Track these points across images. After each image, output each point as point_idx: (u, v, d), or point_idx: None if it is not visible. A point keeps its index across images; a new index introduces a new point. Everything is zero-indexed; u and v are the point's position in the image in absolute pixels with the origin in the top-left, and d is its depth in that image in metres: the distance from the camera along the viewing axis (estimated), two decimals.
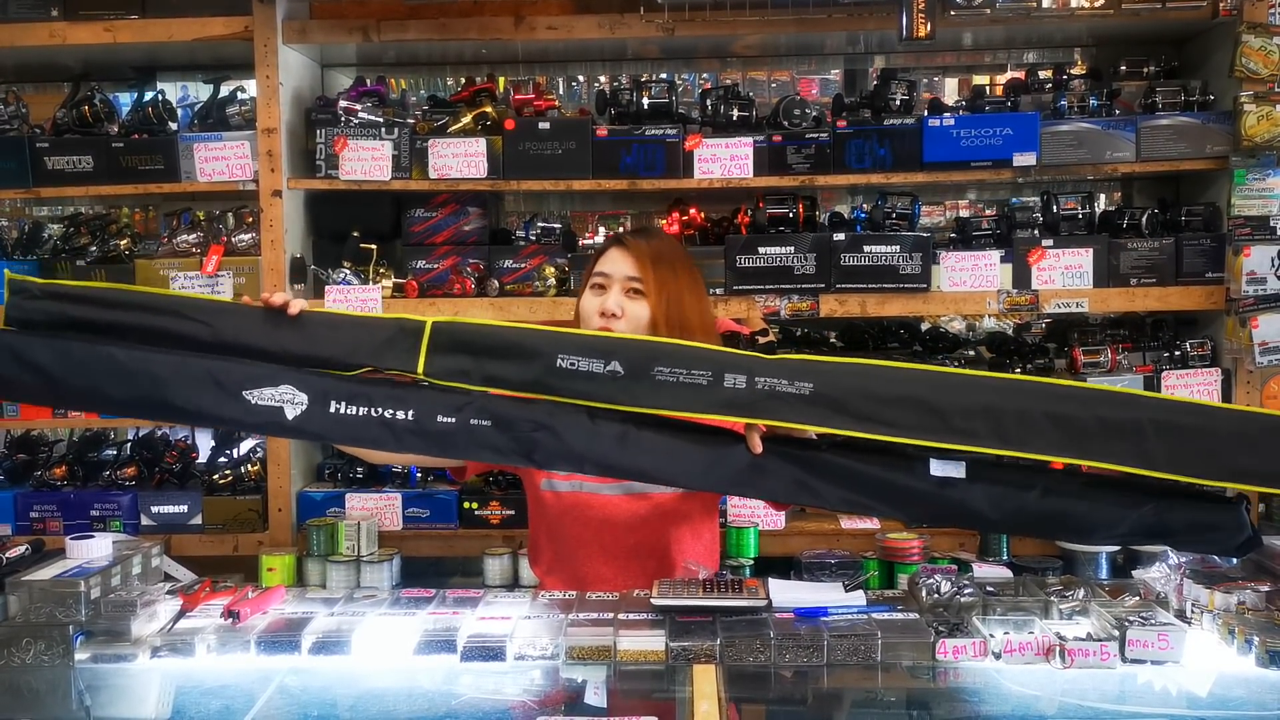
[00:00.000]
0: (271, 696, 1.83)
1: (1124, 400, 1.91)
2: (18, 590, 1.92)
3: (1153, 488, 1.91)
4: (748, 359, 1.96)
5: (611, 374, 1.94)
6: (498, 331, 2.02)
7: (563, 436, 1.95)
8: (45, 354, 1.95)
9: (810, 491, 1.95)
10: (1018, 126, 3.18)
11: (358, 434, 1.98)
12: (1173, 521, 1.88)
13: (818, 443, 1.98)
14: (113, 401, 2.01)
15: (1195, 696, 1.81)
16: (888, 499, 1.95)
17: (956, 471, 1.88)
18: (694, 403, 1.93)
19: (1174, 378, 3.20)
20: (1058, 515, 1.92)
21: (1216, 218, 3.25)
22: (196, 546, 3.35)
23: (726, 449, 1.96)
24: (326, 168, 3.30)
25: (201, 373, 1.95)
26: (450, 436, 1.97)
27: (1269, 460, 1.81)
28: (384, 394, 1.97)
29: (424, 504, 3.35)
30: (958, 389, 1.90)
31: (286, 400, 1.95)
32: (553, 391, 1.96)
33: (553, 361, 1.95)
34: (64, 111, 3.42)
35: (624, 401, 1.94)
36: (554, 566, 2.43)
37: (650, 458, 1.97)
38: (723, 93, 3.33)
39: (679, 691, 1.77)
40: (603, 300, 2.30)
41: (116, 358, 1.94)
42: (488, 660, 1.85)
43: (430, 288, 3.37)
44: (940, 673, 1.86)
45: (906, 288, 3.18)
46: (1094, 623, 1.91)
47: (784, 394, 1.90)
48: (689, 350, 1.99)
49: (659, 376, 1.93)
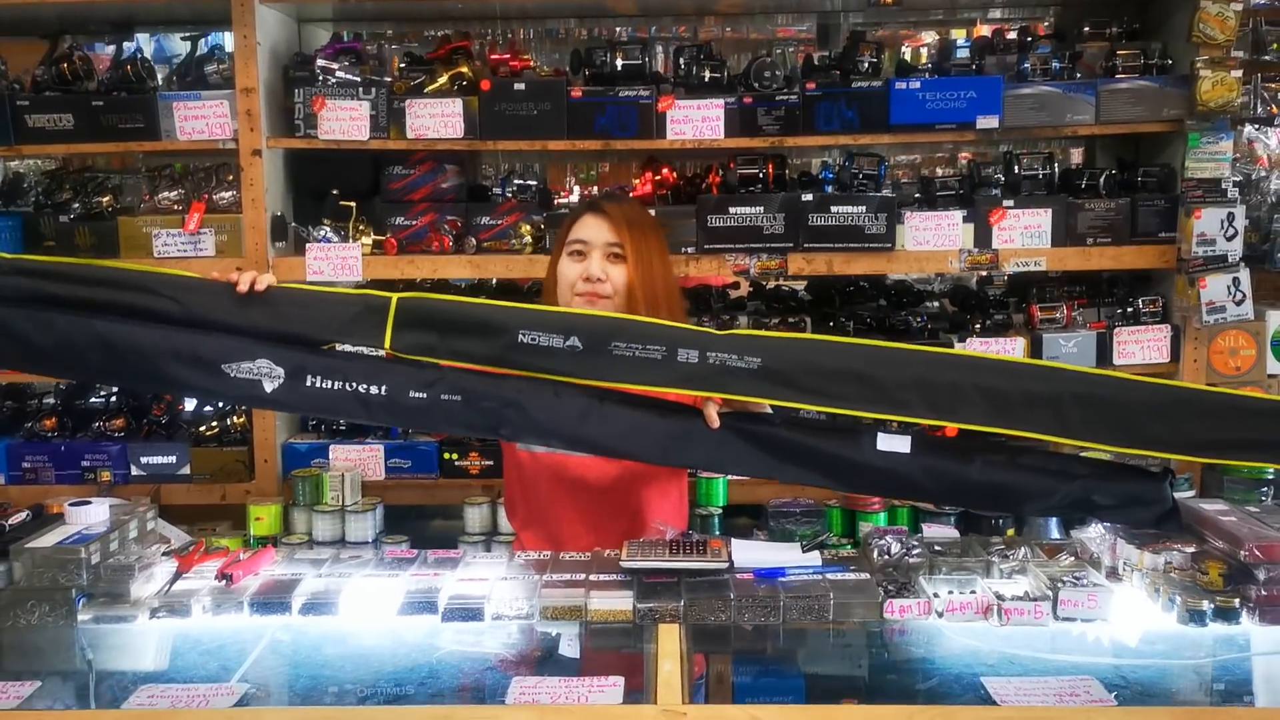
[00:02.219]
0: (263, 654, 1.96)
1: (1047, 374, 2.07)
2: (21, 556, 2.03)
3: (1083, 464, 2.07)
4: (700, 335, 2.07)
5: (570, 349, 2.05)
6: (461, 308, 2.12)
7: (530, 413, 2.06)
8: (27, 325, 2.04)
9: (765, 466, 2.08)
10: (981, 90, 3.26)
11: (333, 407, 2.09)
12: (1100, 495, 2.03)
13: (772, 418, 2.10)
14: (96, 371, 2.10)
15: (1121, 648, 1.96)
16: (837, 474, 2.09)
17: (902, 447, 2.02)
18: (650, 377, 2.05)
19: (1126, 334, 3.33)
20: (994, 488, 2.06)
21: (1171, 179, 3.35)
22: (185, 496, 3.46)
23: (686, 426, 2.09)
24: (305, 127, 3.35)
25: (183, 346, 2.05)
26: (421, 412, 2.08)
27: (1177, 429, 1.97)
28: (358, 369, 2.07)
29: (406, 455, 3.46)
30: (893, 363, 2.04)
31: (264, 374, 2.05)
32: (514, 366, 2.07)
33: (514, 338, 2.06)
34: (43, 69, 3.45)
35: (583, 376, 2.06)
36: (529, 521, 2.55)
37: (613, 434, 2.09)
38: (695, 53, 3.39)
39: (646, 646, 1.91)
40: (585, 266, 2.39)
41: (98, 330, 2.03)
42: (467, 620, 1.98)
43: (409, 244, 3.44)
44: (888, 629, 2.01)
45: (872, 247, 3.28)
46: (1031, 582, 2.06)
47: (734, 368, 2.03)
48: (644, 326, 2.10)
49: (616, 352, 2.05)
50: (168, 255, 3.36)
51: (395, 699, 1.82)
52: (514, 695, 1.72)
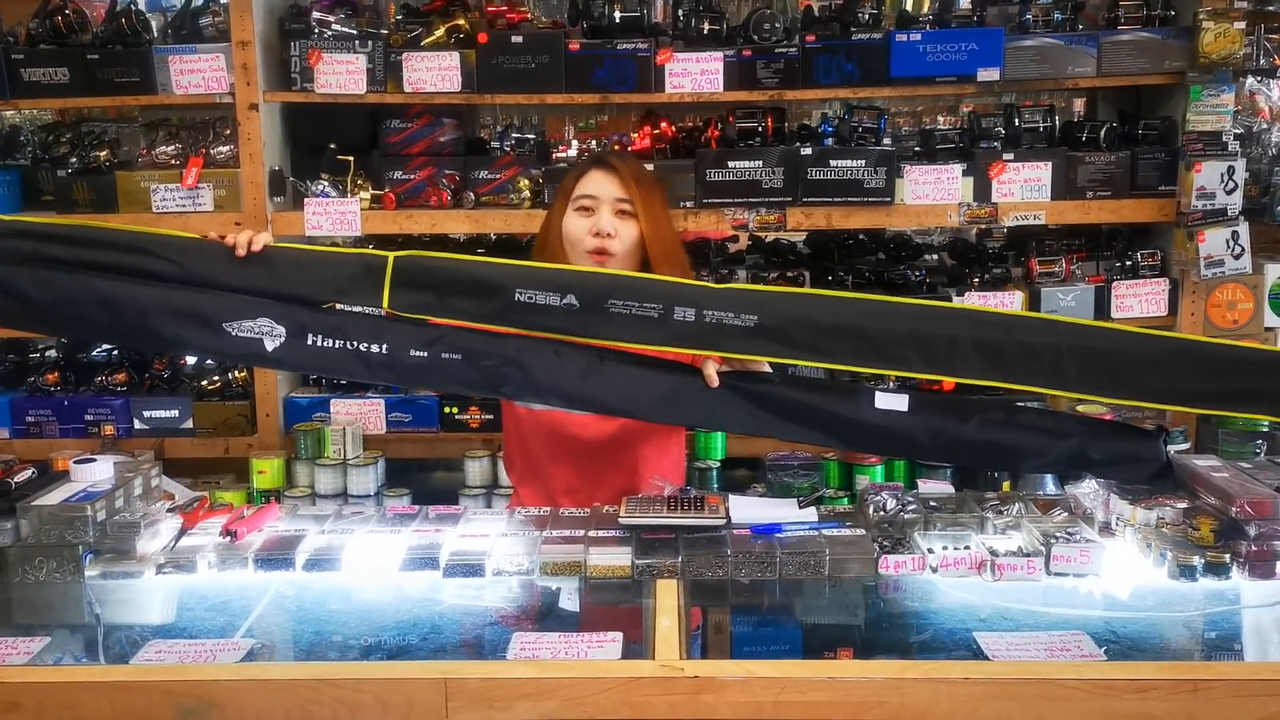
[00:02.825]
0: (268, 609, 1.99)
1: (1043, 326, 2.08)
2: (28, 514, 2.05)
3: (1078, 422, 2.08)
4: (697, 291, 2.08)
5: (568, 307, 2.06)
6: (457, 265, 2.13)
7: (530, 371, 2.08)
8: (29, 284, 2.04)
9: (764, 424, 2.10)
10: (982, 42, 3.24)
11: (334, 366, 2.11)
12: (1095, 452, 2.05)
13: (771, 377, 2.12)
14: (98, 329, 2.11)
15: (1112, 602, 1.99)
16: (836, 432, 2.11)
17: (900, 405, 2.03)
18: (647, 335, 2.06)
19: (1124, 288, 3.33)
20: (991, 446, 2.09)
21: (1172, 132, 3.33)
22: (189, 449, 3.49)
23: (686, 385, 2.10)
24: (302, 80, 3.33)
25: (184, 304, 2.06)
26: (422, 370, 2.09)
27: (1173, 381, 1.99)
28: (359, 328, 2.08)
29: (406, 409, 3.49)
30: (889, 317, 2.04)
31: (266, 333, 2.06)
32: (512, 324, 2.08)
33: (511, 296, 2.07)
34: (37, 22, 3.42)
35: (580, 335, 2.07)
36: (527, 476, 2.58)
37: (614, 393, 2.10)
38: (694, 4, 3.36)
39: (645, 601, 1.94)
40: (594, 221, 2.38)
41: (99, 288, 2.04)
42: (468, 576, 2.01)
43: (407, 199, 3.44)
44: (883, 585, 2.04)
45: (871, 201, 3.28)
46: (1024, 537, 2.08)
47: (731, 327, 2.04)
48: (640, 282, 2.11)
49: (612, 310, 2.05)
50: (166, 210, 3.36)
51: (398, 653, 1.85)
52: (515, 650, 1.75)
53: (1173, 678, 1.60)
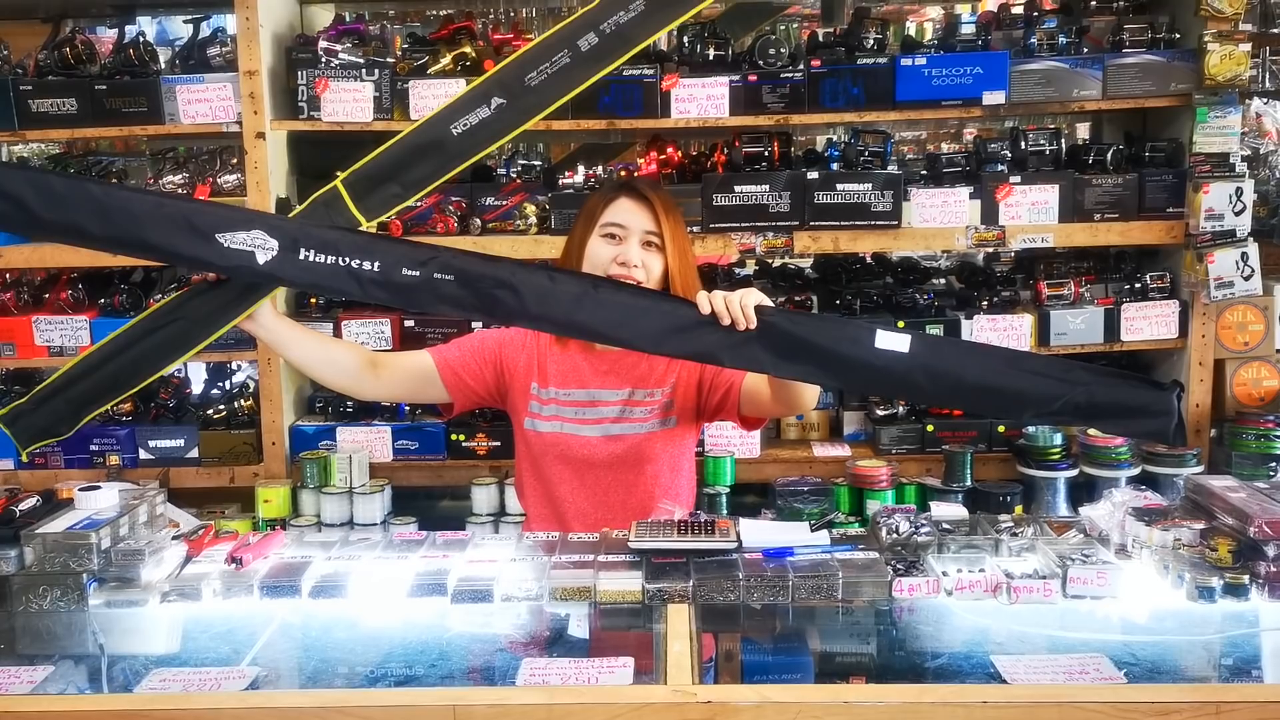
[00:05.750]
0: (273, 637, 1.97)
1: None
2: (32, 542, 2.03)
3: (1087, 370, 2.05)
4: None
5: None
6: (397, 148, 2.19)
7: (523, 295, 2.05)
8: (24, 186, 2.01)
9: (762, 361, 2.06)
10: (988, 65, 3.24)
11: (325, 282, 2.08)
12: (1103, 401, 2.01)
13: (770, 310, 2.08)
14: (90, 236, 2.06)
15: (1130, 625, 1.96)
16: (832, 369, 2.06)
17: (900, 346, 1.99)
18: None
19: (1134, 310, 3.32)
20: (993, 390, 2.04)
21: (1179, 154, 3.33)
22: (194, 479, 3.47)
23: (682, 316, 2.08)
24: (309, 109, 3.34)
25: (177, 214, 2.04)
26: (413, 290, 2.06)
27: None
28: (352, 244, 2.06)
29: (413, 436, 3.47)
30: None
31: (258, 245, 2.03)
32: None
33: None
34: (45, 53, 3.44)
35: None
36: (537, 500, 2.56)
37: (606, 318, 2.08)
38: (699, 31, 3.37)
39: (655, 626, 1.91)
40: (622, 251, 2.35)
41: (94, 194, 2.02)
42: (477, 602, 1.98)
43: (413, 226, 3.43)
44: (897, 608, 2.01)
45: (878, 224, 3.27)
46: (1040, 560, 2.06)
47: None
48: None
49: None
50: None
51: (406, 680, 1.82)
52: (524, 676, 1.72)
53: (1195, 700, 1.58)
